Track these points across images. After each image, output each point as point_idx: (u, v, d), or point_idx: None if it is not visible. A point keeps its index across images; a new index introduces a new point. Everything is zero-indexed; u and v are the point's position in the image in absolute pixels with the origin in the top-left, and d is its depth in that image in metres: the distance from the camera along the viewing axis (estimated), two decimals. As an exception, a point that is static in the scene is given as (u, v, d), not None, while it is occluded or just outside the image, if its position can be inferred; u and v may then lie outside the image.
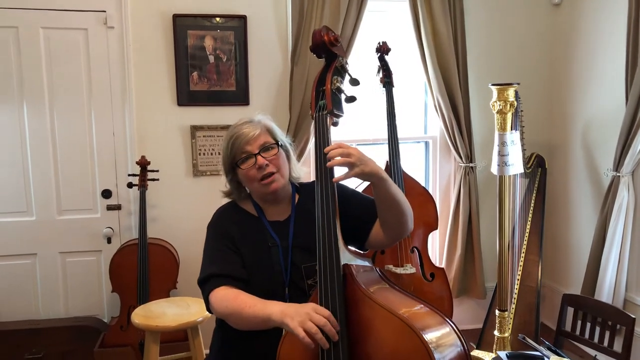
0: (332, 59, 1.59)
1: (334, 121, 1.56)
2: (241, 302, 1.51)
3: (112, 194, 3.33)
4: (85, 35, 3.22)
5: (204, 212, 3.42)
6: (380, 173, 1.49)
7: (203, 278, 1.64)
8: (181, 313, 2.52)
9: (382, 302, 1.34)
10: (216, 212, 1.81)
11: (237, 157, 1.66)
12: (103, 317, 3.37)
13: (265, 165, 1.64)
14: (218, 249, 1.67)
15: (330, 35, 1.55)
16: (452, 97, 3.52)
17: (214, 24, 3.32)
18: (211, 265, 1.64)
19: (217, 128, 3.41)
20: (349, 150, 1.44)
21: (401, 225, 1.63)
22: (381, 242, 1.70)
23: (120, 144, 3.31)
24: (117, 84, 3.27)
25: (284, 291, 1.63)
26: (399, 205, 1.58)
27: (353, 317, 1.37)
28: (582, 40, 3.52)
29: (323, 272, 1.40)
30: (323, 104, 1.54)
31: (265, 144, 1.66)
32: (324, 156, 1.47)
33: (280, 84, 3.45)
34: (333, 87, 1.53)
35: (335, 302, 1.37)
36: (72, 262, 3.34)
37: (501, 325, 3.17)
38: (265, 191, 1.68)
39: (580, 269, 3.51)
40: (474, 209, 3.64)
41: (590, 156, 3.48)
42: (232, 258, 1.64)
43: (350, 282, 1.40)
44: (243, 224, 1.72)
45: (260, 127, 1.68)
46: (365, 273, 1.45)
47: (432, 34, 3.45)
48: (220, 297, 1.57)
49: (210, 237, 1.73)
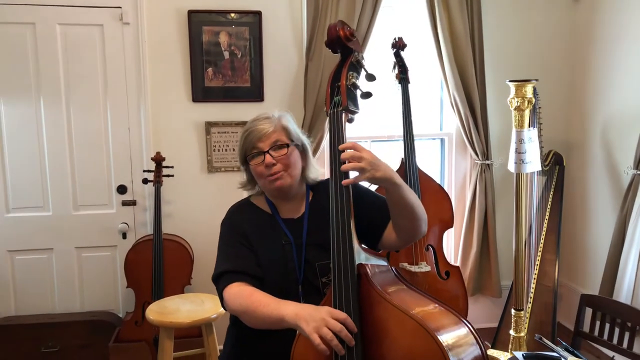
0: (347, 54, 1.56)
1: (349, 118, 1.54)
2: (255, 300, 1.50)
3: (128, 190, 3.35)
4: (101, 32, 3.23)
5: (218, 208, 3.42)
6: (393, 178, 1.47)
7: (217, 274, 1.63)
8: (195, 309, 2.52)
9: (397, 303, 1.32)
10: (230, 209, 1.80)
11: (247, 152, 1.67)
12: (118, 312, 3.39)
13: (272, 164, 1.63)
14: (232, 246, 1.67)
15: (346, 30, 1.53)
16: (468, 94, 3.47)
17: (229, 20, 3.31)
18: (225, 262, 1.64)
19: (232, 124, 3.41)
20: (361, 153, 1.41)
21: (414, 230, 1.61)
22: (394, 244, 1.68)
23: (135, 139, 3.32)
24: (133, 80, 3.28)
25: (297, 289, 1.62)
26: (413, 210, 1.55)
27: (368, 318, 1.35)
28: (603, 36, 3.45)
29: (337, 272, 1.38)
30: (338, 100, 1.51)
31: (276, 142, 1.64)
32: (338, 154, 1.45)
33: (295, 80, 3.43)
34: (348, 82, 1.50)
35: (349, 303, 1.35)
36: (87, 257, 3.37)
37: (517, 325, 3.13)
38: (270, 187, 1.67)
39: (597, 268, 3.46)
40: (490, 206, 3.60)
41: (609, 154, 3.42)
42: (246, 255, 1.64)
43: (365, 282, 1.38)
44: (257, 221, 1.71)
45: (275, 125, 1.66)
46: (381, 273, 1.43)
47: (449, 30, 3.41)
48: (234, 293, 1.56)
49: (224, 234, 1.73)
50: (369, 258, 1.46)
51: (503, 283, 3.69)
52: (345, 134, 1.49)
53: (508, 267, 3.72)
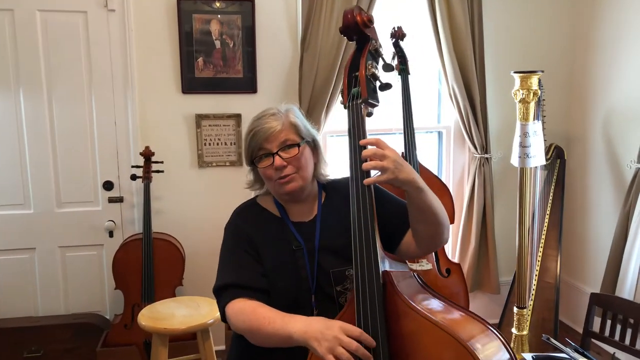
0: (364, 41, 1.44)
1: (369, 111, 1.42)
2: (259, 316, 1.38)
3: (114, 186, 3.19)
4: (84, 19, 3.05)
5: (209, 205, 3.32)
6: (417, 181, 1.35)
7: (219, 287, 1.50)
8: (191, 314, 2.39)
9: (426, 314, 1.21)
10: (235, 211, 1.65)
11: (254, 154, 1.52)
12: (105, 315, 3.24)
13: (282, 167, 1.49)
14: (236, 254, 1.53)
15: (364, 16, 1.41)
16: (468, 85, 3.37)
17: (221, 8, 3.16)
18: (229, 273, 1.50)
19: (224, 117, 3.26)
20: (384, 151, 1.29)
21: (436, 238, 1.49)
22: (412, 253, 1.56)
23: (122, 133, 3.16)
24: (119, 70, 3.11)
25: (310, 299, 1.49)
26: (435, 216, 1.43)
27: (394, 331, 1.24)
28: (606, 28, 3.37)
29: (361, 282, 1.26)
30: (356, 91, 1.39)
31: (285, 141, 1.50)
32: (359, 150, 1.33)
33: (289, 72, 3.30)
34: (368, 73, 1.38)
35: (375, 316, 1.24)
36: (72, 256, 3.21)
37: (520, 323, 3.06)
38: (280, 191, 1.53)
39: (599, 264, 3.40)
40: (489, 201, 3.52)
41: (612, 147, 3.35)
42: (251, 266, 1.50)
43: (390, 292, 1.26)
44: (264, 226, 1.57)
45: (282, 122, 1.51)
46: (405, 281, 1.32)
47: (449, 19, 3.30)
48: (237, 310, 1.43)
49: (228, 240, 1.59)
50: (392, 264, 1.35)
51: (501, 279, 3.62)
52: (366, 129, 1.37)
53: (506, 263, 3.66)
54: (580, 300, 3.61)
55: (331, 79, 3.18)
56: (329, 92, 3.20)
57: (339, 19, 3.14)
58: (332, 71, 3.17)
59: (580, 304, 3.61)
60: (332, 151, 3.49)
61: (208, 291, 3.12)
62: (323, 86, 3.19)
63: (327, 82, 3.18)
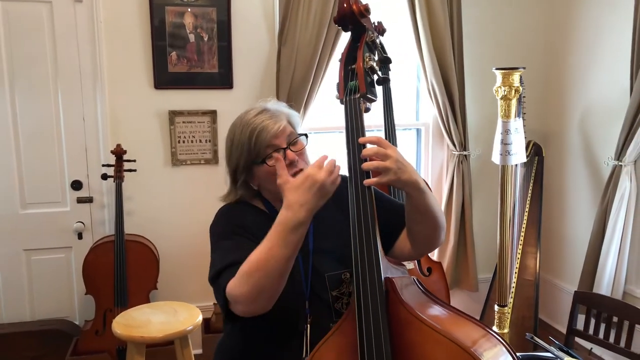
0: (361, 32, 1.36)
1: (366, 106, 1.34)
2: (252, 258, 1.22)
3: (83, 186, 3.04)
4: (49, 9, 2.89)
5: (184, 204, 3.20)
6: (419, 183, 1.28)
7: (217, 271, 1.32)
8: (168, 321, 2.27)
9: (433, 324, 1.14)
10: (221, 210, 1.53)
11: (262, 153, 1.41)
12: (74, 320, 3.09)
13: (296, 161, 1.41)
14: (231, 239, 1.39)
15: (360, 5, 1.33)
16: (447, 82, 3.34)
17: (192, 0, 3.03)
18: (227, 255, 1.33)
19: (198, 113, 3.15)
20: (387, 151, 1.22)
21: (432, 240, 1.44)
22: (406, 255, 1.49)
23: (91, 130, 3.01)
24: (87, 64, 2.96)
25: (304, 304, 1.41)
26: (434, 218, 1.37)
27: (398, 342, 1.17)
28: (582, 24, 3.38)
29: (363, 290, 1.19)
30: (354, 85, 1.31)
31: (292, 135, 1.44)
32: (358, 148, 1.25)
33: (267, 66, 3.20)
34: (366, 65, 1.30)
35: (378, 325, 1.16)
36: (38, 260, 3.04)
37: (501, 321, 3.06)
38: None
39: (576, 261, 3.42)
40: (467, 198, 3.50)
41: (589, 144, 3.37)
42: (249, 246, 1.29)
43: (393, 300, 1.19)
44: (256, 221, 1.44)
45: (284, 118, 1.44)
46: (408, 288, 1.25)
47: (428, 15, 3.25)
48: (244, 269, 1.23)
49: (217, 233, 1.45)
50: (391, 268, 1.28)
51: (480, 276, 3.61)
52: (364, 125, 1.29)
53: (485, 261, 3.65)
54: (558, 298, 3.63)
55: (310, 73, 3.10)
56: (307, 87, 3.12)
57: (317, 11, 3.06)
58: (310, 66, 3.09)
59: (558, 301, 3.63)
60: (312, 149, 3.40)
61: (184, 295, 3.04)
62: (301, 81, 3.10)
63: (305, 77, 3.10)
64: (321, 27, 3.07)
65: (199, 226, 3.13)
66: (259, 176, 1.45)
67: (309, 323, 1.40)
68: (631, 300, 3.04)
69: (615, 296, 3.02)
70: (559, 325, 3.63)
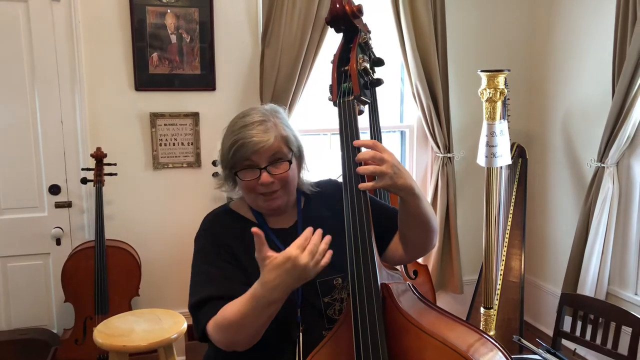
0: (353, 33, 1.34)
1: (360, 109, 1.31)
2: (230, 315, 1.23)
3: (61, 190, 2.95)
4: (25, 9, 2.81)
5: (165, 208, 3.13)
6: (414, 188, 1.26)
7: (198, 301, 1.32)
8: (152, 329, 2.21)
9: (430, 331, 1.12)
10: (206, 218, 1.49)
11: (238, 166, 1.37)
12: (53, 329, 3.00)
13: (270, 183, 1.35)
14: (214, 264, 1.36)
15: (353, 5, 1.31)
16: (431, 84, 3.33)
17: (171, 1, 2.98)
18: (208, 285, 1.33)
19: (180, 115, 3.09)
20: (382, 154, 1.20)
21: (425, 244, 1.43)
22: (399, 258, 1.47)
23: (70, 133, 2.92)
24: (65, 66, 2.88)
25: (295, 313, 1.37)
26: (428, 223, 1.35)
27: (395, 349, 1.15)
28: (564, 26, 3.41)
29: (359, 297, 1.16)
30: (347, 87, 1.28)
31: (275, 155, 1.36)
32: (352, 152, 1.22)
33: (250, 68, 3.15)
34: (360, 67, 1.28)
35: (375, 334, 1.13)
36: (14, 267, 2.95)
37: (487, 324, 3.05)
38: (265, 207, 1.41)
39: (560, 262, 3.44)
40: (452, 201, 3.49)
41: (572, 146, 3.39)
42: (233, 274, 1.34)
43: (390, 306, 1.17)
44: (241, 233, 1.40)
45: (274, 135, 1.36)
46: (404, 294, 1.23)
47: (412, 17, 3.25)
48: (219, 321, 1.26)
49: (201, 251, 1.42)
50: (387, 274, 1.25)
51: (464, 278, 3.61)
52: (359, 127, 1.27)
53: (469, 263, 3.65)
54: (542, 299, 3.65)
55: (294, 75, 3.06)
56: (291, 89, 3.08)
57: (301, 12, 3.03)
58: (295, 67, 3.05)
59: (542, 302, 3.65)
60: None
61: (166, 302, 2.97)
62: (286, 83, 3.07)
63: (290, 78, 3.06)
64: (305, 29, 3.03)
65: (182, 230, 3.11)
66: (238, 183, 1.41)
67: (301, 331, 1.36)
68: (614, 300, 3.06)
69: (599, 297, 3.05)
70: (543, 326, 3.65)
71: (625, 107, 2.84)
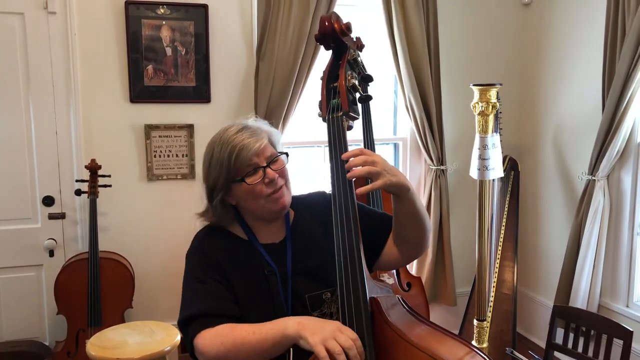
0: (342, 50, 1.37)
1: (349, 124, 1.34)
2: (241, 331, 1.26)
3: (55, 201, 2.95)
4: (21, 21, 2.82)
5: (159, 220, 3.14)
6: (408, 184, 1.30)
7: (187, 317, 1.35)
8: (145, 341, 2.21)
9: (420, 345, 1.13)
10: (197, 236, 1.51)
11: (242, 171, 1.39)
12: (45, 341, 2.98)
13: (276, 179, 1.39)
14: (204, 282, 1.39)
15: (341, 23, 1.34)
16: (424, 97, 3.36)
17: (172, 14, 3.00)
18: (198, 303, 1.36)
19: (175, 127, 3.10)
20: (373, 157, 1.23)
21: (421, 243, 1.45)
22: (394, 262, 1.49)
23: (64, 144, 2.93)
24: (61, 77, 2.89)
25: None
26: (422, 221, 1.38)
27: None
28: (555, 41, 3.45)
29: (348, 310, 1.17)
30: (336, 103, 1.31)
31: (272, 155, 1.41)
32: (341, 165, 1.25)
33: (245, 81, 3.18)
34: (348, 84, 1.31)
35: (364, 348, 1.14)
36: (6, 278, 2.93)
37: (480, 336, 3.05)
38: (273, 208, 1.42)
39: (552, 274, 3.46)
40: (445, 213, 3.51)
41: (563, 159, 3.42)
42: (223, 294, 1.37)
43: (379, 320, 1.18)
44: (232, 250, 1.44)
45: (264, 137, 1.42)
46: (393, 308, 1.24)
47: (405, 31, 3.28)
48: (211, 335, 1.29)
49: (192, 268, 1.44)
50: (375, 288, 1.27)
51: (458, 290, 3.62)
52: (347, 143, 1.29)
53: (462, 275, 3.66)
54: (534, 311, 3.66)
55: (288, 88, 3.09)
56: (286, 102, 3.10)
57: (295, 27, 3.06)
58: (289, 81, 3.08)
59: (534, 314, 3.66)
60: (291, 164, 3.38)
61: (161, 313, 2.97)
62: (280, 96, 3.09)
63: (284, 92, 3.09)
64: (300, 43, 3.06)
65: (176, 242, 3.11)
66: (237, 195, 1.43)
67: (291, 347, 1.37)
68: (606, 313, 3.08)
69: (590, 309, 3.06)
70: (535, 338, 3.66)
71: (615, 121, 2.88)
